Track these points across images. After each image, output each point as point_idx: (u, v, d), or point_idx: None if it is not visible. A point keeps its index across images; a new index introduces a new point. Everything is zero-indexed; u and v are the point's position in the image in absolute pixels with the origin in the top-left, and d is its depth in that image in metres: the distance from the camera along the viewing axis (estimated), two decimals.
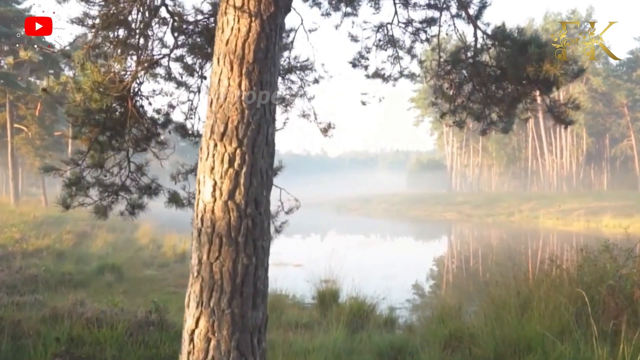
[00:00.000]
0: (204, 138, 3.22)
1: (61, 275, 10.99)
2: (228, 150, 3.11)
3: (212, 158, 3.14)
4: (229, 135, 3.12)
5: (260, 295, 3.17)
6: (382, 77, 5.77)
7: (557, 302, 6.29)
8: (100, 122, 4.35)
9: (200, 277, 3.10)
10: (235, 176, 3.09)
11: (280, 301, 9.56)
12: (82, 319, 5.59)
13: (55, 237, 16.38)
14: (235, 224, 3.07)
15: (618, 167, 69.29)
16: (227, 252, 3.06)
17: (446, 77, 5.38)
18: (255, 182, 3.13)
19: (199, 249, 3.13)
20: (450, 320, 7.03)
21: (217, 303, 3.05)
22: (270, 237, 3.28)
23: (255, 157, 3.14)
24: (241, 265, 3.07)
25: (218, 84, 3.21)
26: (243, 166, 3.10)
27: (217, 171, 3.11)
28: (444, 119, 5.64)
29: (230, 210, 3.07)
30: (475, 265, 19.33)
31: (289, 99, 5.61)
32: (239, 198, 3.09)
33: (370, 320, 8.09)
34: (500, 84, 5.12)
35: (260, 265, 3.16)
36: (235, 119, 3.13)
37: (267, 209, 3.24)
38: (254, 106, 3.16)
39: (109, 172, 4.62)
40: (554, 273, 7.55)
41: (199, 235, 3.14)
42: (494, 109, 5.38)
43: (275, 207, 5.12)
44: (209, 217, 3.10)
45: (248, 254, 3.09)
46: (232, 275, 3.05)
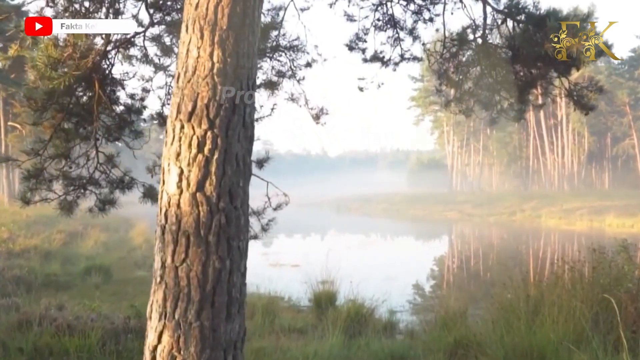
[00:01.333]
0: (169, 119, 2.73)
1: (45, 276, 10.52)
2: (197, 132, 2.62)
3: (178, 142, 2.65)
4: (198, 114, 2.63)
5: (236, 305, 2.67)
6: (381, 61, 5.24)
7: (571, 307, 5.79)
8: (65, 107, 3.85)
9: (164, 284, 2.61)
10: (205, 163, 2.60)
11: (274, 304, 9.11)
12: (52, 326, 5.09)
13: (44, 236, 15.87)
14: (205, 220, 2.57)
15: (620, 166, 68.78)
16: (195, 254, 2.57)
17: (452, 60, 4.87)
18: (229, 171, 2.63)
19: (163, 250, 2.63)
20: (455, 326, 6.55)
21: (183, 314, 2.55)
22: (248, 236, 2.79)
23: (229, 140, 2.64)
24: (212, 269, 2.57)
25: (186, 55, 2.72)
26: (215, 151, 2.61)
27: (183, 157, 2.62)
28: (449, 108, 5.13)
29: (199, 204, 2.58)
30: (478, 266, 18.84)
31: (277, 81, 5.08)
32: (209, 189, 2.59)
33: (369, 325, 7.60)
34: (512, 66, 4.63)
35: (236, 270, 2.66)
36: (206, 95, 2.64)
37: (245, 203, 2.74)
38: (229, 81, 2.67)
39: (75, 164, 4.12)
40: (567, 275, 7.05)
41: (163, 234, 2.65)
42: (505, 95, 4.88)
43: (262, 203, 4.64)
44: (174, 212, 2.61)
45: (221, 255, 2.59)
46: (202, 282, 2.56)
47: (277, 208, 4.82)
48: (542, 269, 15.77)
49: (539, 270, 15.49)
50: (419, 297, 13.36)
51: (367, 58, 5.30)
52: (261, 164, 4.84)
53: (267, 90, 5.08)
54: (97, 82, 3.80)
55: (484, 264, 19.32)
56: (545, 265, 17.07)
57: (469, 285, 14.17)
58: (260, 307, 8.35)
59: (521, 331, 5.65)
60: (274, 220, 4.96)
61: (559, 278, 7.02)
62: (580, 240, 26.48)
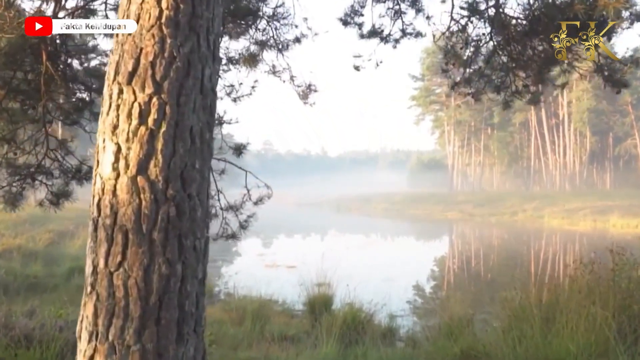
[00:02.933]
0: (106, 82, 2.14)
1: (25, 278, 9.92)
2: (139, 98, 2.02)
3: (115, 112, 2.06)
4: (140, 75, 2.03)
5: (190, 322, 2.07)
6: (380, 37, 4.62)
7: (591, 314, 5.19)
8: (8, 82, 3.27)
9: (95, 295, 2.01)
10: (149, 138, 2.01)
11: (267, 308, 8.54)
12: (7, 337, 4.49)
13: (29, 235, 15.28)
14: (149, 211, 1.98)
15: (621, 167, 68.14)
16: (135, 256, 1.97)
17: (460, 35, 4.27)
18: (181, 149, 2.04)
19: (95, 251, 2.04)
20: (461, 335, 5.97)
21: (119, 335, 1.96)
22: (207, 233, 2.19)
23: (181, 110, 2.05)
24: (158, 275, 1.98)
25: (128, 2, 2.12)
26: (162, 123, 2.02)
27: (121, 131, 2.03)
28: (456, 90, 4.52)
29: (141, 191, 1.98)
30: (483, 268, 18.23)
31: (257, 51, 4.45)
32: (154, 172, 2.00)
33: (367, 332, 7.01)
34: (530, 40, 4.02)
35: (190, 276, 2.07)
36: (151, 51, 2.04)
37: (203, 191, 2.15)
38: (182, 33, 2.08)
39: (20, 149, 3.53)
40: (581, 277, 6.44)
41: (95, 230, 2.05)
42: (520, 74, 4.28)
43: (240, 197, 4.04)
44: (109, 201, 2.01)
45: (169, 258, 2.00)
46: (144, 292, 1.96)
47: (258, 202, 4.21)
48: (552, 271, 15.18)
49: (548, 272, 14.92)
50: (420, 300, 12.78)
51: (364, 34, 4.67)
52: (239, 150, 4.24)
53: (247, 66, 4.46)
54: (45, 54, 3.22)
55: (489, 266, 18.73)
56: (554, 267, 16.47)
57: (473, 288, 13.58)
58: (251, 311, 7.80)
59: (535, 341, 5.11)
60: (254, 216, 4.33)
61: (574, 281, 6.42)
62: (588, 241, 25.93)
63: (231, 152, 4.19)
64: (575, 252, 22.47)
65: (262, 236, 27.30)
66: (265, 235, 28.04)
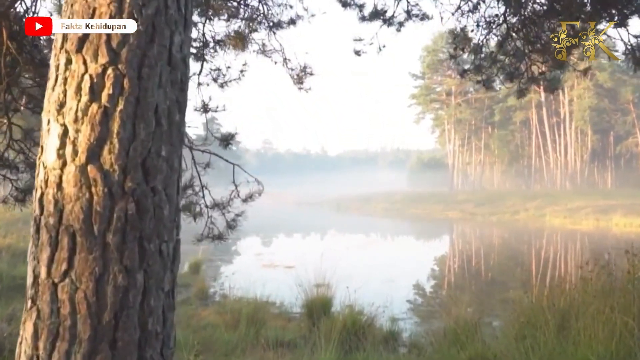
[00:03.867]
0: (52, 51, 1.76)
1: (12, 279, 9.53)
2: (90, 69, 1.64)
3: (62, 86, 1.68)
4: (93, 42, 1.65)
5: (156, 344, 1.70)
6: (382, 19, 4.24)
7: (609, 319, 4.82)
8: None
9: (36, 310, 1.64)
10: (102, 118, 1.63)
11: (263, 310, 8.16)
12: None
13: (21, 235, 14.89)
14: (102, 209, 1.60)
15: (623, 165, 67.78)
16: (85, 264, 1.59)
17: (471, 15, 3.89)
18: (142, 132, 1.66)
19: (36, 257, 1.66)
20: (468, 341, 5.60)
21: (64, 359, 1.58)
22: (177, 235, 1.81)
23: (143, 84, 1.67)
24: (113, 288, 1.60)
25: None
26: (119, 100, 1.64)
27: (68, 109, 1.65)
28: (466, 77, 4.14)
29: (92, 183, 1.61)
30: (483, 267, 17.85)
31: (246, 28, 4.04)
32: (108, 160, 1.62)
33: (368, 336, 6.64)
34: (549, 21, 3.64)
35: (155, 288, 1.69)
36: (107, 11, 1.66)
37: (173, 184, 1.77)
38: None
39: None
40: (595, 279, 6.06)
41: (37, 232, 1.67)
42: (537, 58, 3.90)
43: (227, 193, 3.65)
44: (53, 196, 1.63)
45: (127, 266, 1.62)
46: (95, 308, 1.59)
47: (248, 199, 3.82)
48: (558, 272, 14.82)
49: (553, 273, 14.55)
50: (423, 301, 12.42)
51: (365, 16, 4.29)
52: (227, 141, 3.85)
53: (235, 48, 4.06)
54: (5, 30, 2.85)
55: (493, 265, 18.36)
56: (561, 268, 16.11)
57: (474, 288, 13.22)
58: (246, 315, 7.43)
59: (550, 349, 4.74)
60: (243, 215, 3.94)
61: (588, 283, 6.05)
62: (591, 240, 25.57)
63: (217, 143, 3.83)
64: (577, 251, 22.13)
65: (261, 235, 26.97)
66: (265, 235, 27.71)
